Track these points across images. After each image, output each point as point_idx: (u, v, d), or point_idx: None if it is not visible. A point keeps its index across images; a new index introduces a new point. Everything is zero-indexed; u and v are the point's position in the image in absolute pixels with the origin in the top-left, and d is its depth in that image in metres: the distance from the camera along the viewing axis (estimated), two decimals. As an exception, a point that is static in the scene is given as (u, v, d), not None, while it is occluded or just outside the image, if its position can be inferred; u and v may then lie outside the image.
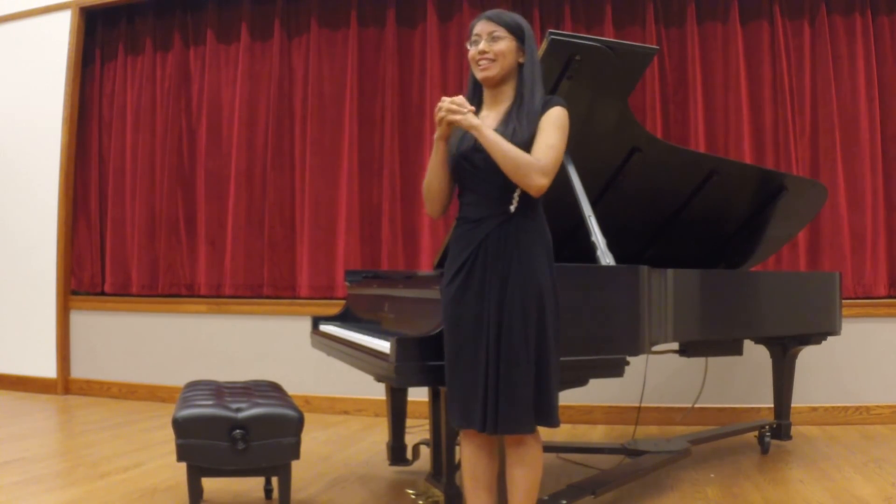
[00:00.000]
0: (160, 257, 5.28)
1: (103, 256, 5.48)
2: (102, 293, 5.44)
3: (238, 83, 5.16)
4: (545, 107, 2.10)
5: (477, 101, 2.19)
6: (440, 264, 2.76)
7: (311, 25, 5.07)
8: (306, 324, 3.51)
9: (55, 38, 5.44)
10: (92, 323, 5.39)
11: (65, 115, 5.41)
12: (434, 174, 2.15)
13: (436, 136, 2.10)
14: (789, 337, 3.58)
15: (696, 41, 4.59)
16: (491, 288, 2.05)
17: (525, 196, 2.07)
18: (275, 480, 2.83)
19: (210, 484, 2.99)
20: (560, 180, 2.56)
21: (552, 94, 2.18)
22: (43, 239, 5.44)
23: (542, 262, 2.08)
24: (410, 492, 2.77)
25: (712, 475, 3.28)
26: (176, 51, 5.32)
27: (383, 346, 2.37)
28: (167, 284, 5.27)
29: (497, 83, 2.14)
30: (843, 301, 3.66)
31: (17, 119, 5.55)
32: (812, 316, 3.43)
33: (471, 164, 2.11)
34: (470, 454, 2.19)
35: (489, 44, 2.10)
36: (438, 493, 2.60)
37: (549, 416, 2.05)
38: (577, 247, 2.86)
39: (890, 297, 4.39)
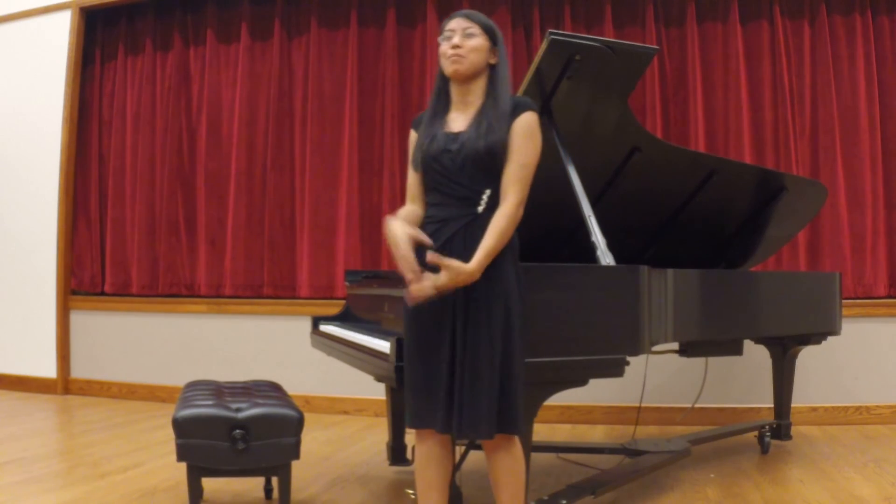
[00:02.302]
0: (160, 257, 5.28)
1: (103, 256, 5.48)
2: (102, 293, 5.44)
3: (238, 83, 5.16)
4: (516, 110, 2.08)
5: (444, 100, 2.18)
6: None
7: (311, 25, 5.07)
8: (306, 324, 3.51)
9: (55, 38, 5.45)
10: (92, 323, 5.39)
11: (65, 115, 5.41)
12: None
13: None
14: (789, 337, 3.58)
15: (696, 41, 4.59)
16: (455, 290, 2.02)
17: (493, 198, 2.07)
18: (275, 480, 2.83)
19: (210, 484, 2.99)
20: (560, 180, 2.57)
21: (523, 96, 2.18)
22: (43, 239, 5.44)
23: (507, 264, 2.06)
24: (410, 492, 2.77)
25: (712, 475, 3.28)
26: (176, 51, 5.32)
27: (383, 346, 2.38)
28: (167, 284, 5.27)
29: (465, 80, 2.12)
30: (843, 301, 3.66)
31: (17, 119, 5.55)
32: (812, 316, 3.43)
33: (440, 164, 2.10)
34: (423, 457, 2.15)
35: (463, 39, 2.09)
36: (438, 493, 2.60)
37: (512, 422, 2.02)
38: (577, 247, 2.86)
39: (890, 297, 4.39)
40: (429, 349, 2.06)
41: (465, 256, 2.02)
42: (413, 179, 2.20)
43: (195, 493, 2.58)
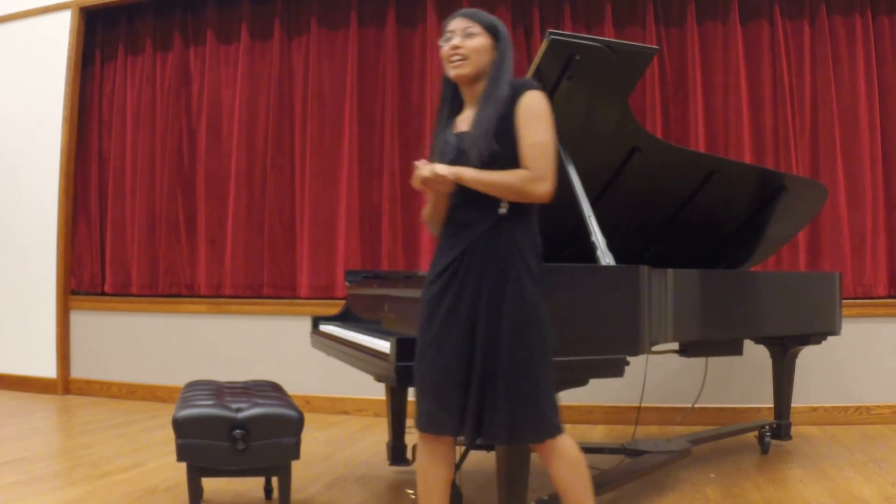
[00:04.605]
0: (160, 257, 5.28)
1: (103, 256, 5.48)
2: (102, 293, 5.44)
3: (238, 83, 5.16)
4: (517, 91, 2.03)
5: (457, 101, 2.15)
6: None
7: (311, 25, 5.07)
8: (306, 324, 3.52)
9: (55, 38, 5.45)
10: (92, 323, 5.39)
11: (65, 115, 5.41)
12: (437, 215, 2.12)
13: (434, 197, 2.08)
14: (789, 337, 3.58)
15: (696, 41, 4.59)
16: (477, 295, 2.01)
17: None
18: (275, 480, 2.83)
19: (210, 484, 2.99)
20: (560, 180, 2.56)
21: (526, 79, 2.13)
22: (43, 239, 5.44)
23: (531, 269, 2.03)
24: (410, 492, 2.77)
25: (712, 475, 3.28)
26: (176, 51, 5.32)
27: (383, 346, 2.38)
28: (167, 284, 5.27)
29: (471, 81, 2.09)
30: (843, 301, 3.65)
31: (17, 119, 5.55)
32: (812, 316, 3.43)
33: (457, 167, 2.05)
34: (425, 458, 2.13)
35: (463, 40, 2.06)
36: (438, 493, 2.60)
37: (536, 429, 2.01)
38: (577, 247, 2.86)
39: (890, 297, 4.39)
40: (443, 352, 2.02)
41: (487, 263, 2.00)
42: None
43: (195, 493, 2.58)
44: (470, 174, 2.00)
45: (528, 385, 1.99)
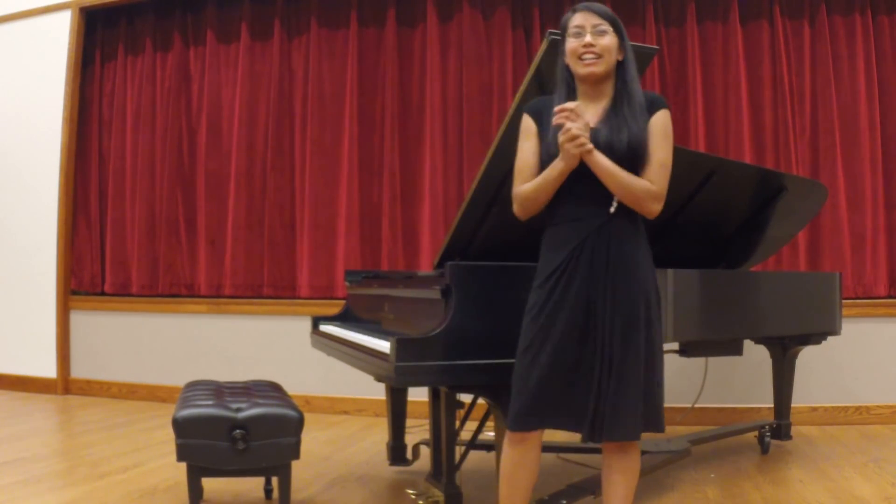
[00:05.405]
0: (160, 257, 5.28)
1: (103, 256, 5.48)
2: (102, 293, 5.44)
3: (238, 83, 5.16)
4: (653, 105, 2.05)
5: (569, 93, 2.10)
6: (440, 264, 2.76)
7: (311, 25, 5.07)
8: (306, 324, 3.52)
9: (55, 38, 5.45)
10: (92, 323, 5.39)
11: (65, 115, 5.41)
12: (546, 194, 2.06)
13: (564, 165, 1.99)
14: (789, 337, 3.58)
15: (696, 41, 4.59)
16: (593, 293, 1.99)
17: None
18: (275, 480, 2.83)
19: (210, 484, 2.99)
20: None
21: (647, 91, 2.11)
22: (43, 239, 5.44)
23: (646, 265, 2.05)
24: (410, 492, 2.77)
25: (712, 475, 3.28)
26: (176, 51, 5.32)
27: (383, 346, 2.37)
28: (167, 284, 5.27)
29: (599, 80, 2.06)
30: (843, 301, 3.66)
31: (17, 119, 5.55)
32: (812, 316, 3.43)
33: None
34: (517, 459, 2.07)
35: (595, 37, 2.02)
36: (438, 493, 2.60)
37: (657, 421, 2.04)
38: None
39: (890, 297, 4.39)
40: (551, 350, 1.99)
41: (597, 259, 2.00)
42: (530, 171, 2.10)
43: (195, 493, 2.59)
44: (603, 160, 1.97)
45: (652, 380, 2.01)
